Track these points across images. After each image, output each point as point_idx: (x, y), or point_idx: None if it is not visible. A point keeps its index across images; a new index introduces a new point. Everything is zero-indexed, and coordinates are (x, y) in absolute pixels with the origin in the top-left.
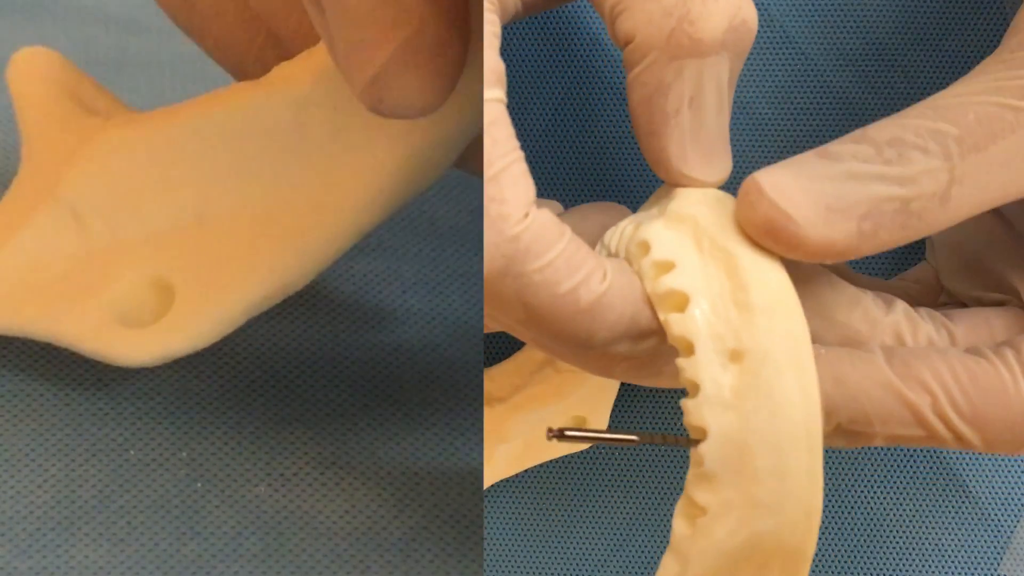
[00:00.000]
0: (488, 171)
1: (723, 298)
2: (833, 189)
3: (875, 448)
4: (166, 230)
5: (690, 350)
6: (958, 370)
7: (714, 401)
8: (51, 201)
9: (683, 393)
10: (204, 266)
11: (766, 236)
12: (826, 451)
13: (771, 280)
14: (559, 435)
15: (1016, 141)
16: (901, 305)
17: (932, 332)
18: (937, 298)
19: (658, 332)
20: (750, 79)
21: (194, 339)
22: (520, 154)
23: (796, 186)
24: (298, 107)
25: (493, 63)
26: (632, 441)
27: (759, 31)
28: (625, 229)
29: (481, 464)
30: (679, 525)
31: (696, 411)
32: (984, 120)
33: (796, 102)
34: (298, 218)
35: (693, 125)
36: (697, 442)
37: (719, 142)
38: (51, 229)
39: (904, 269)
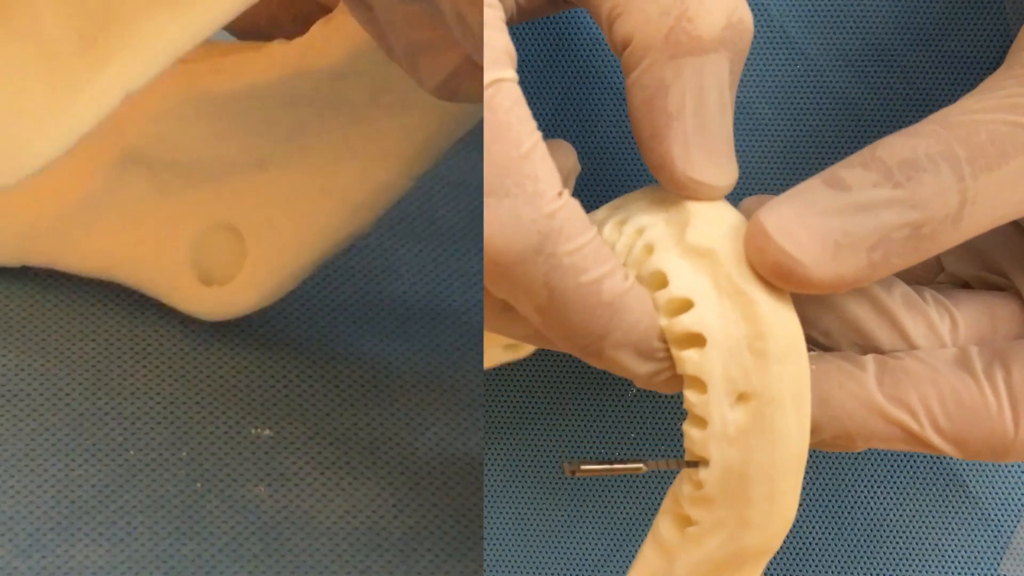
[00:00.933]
0: (518, 149)
1: (739, 343)
2: (841, 224)
3: (875, 449)
4: (232, 176)
5: (702, 389)
6: (944, 391)
7: (720, 436)
8: (119, 150)
9: (680, 412)
10: (270, 213)
11: (776, 278)
12: (826, 451)
13: (787, 327)
14: (575, 471)
15: None
16: (900, 289)
17: (935, 319)
18: (936, 275)
19: (664, 359)
20: (750, 79)
21: (266, 295)
22: (540, 134)
23: (802, 226)
24: (335, 77)
25: (503, 43)
26: (639, 470)
27: (759, 31)
28: (626, 233)
29: (481, 464)
30: (666, 525)
31: (702, 443)
32: (996, 139)
33: (796, 102)
34: (349, 172)
35: (696, 125)
36: (697, 465)
37: (724, 144)
38: (121, 176)
39: None
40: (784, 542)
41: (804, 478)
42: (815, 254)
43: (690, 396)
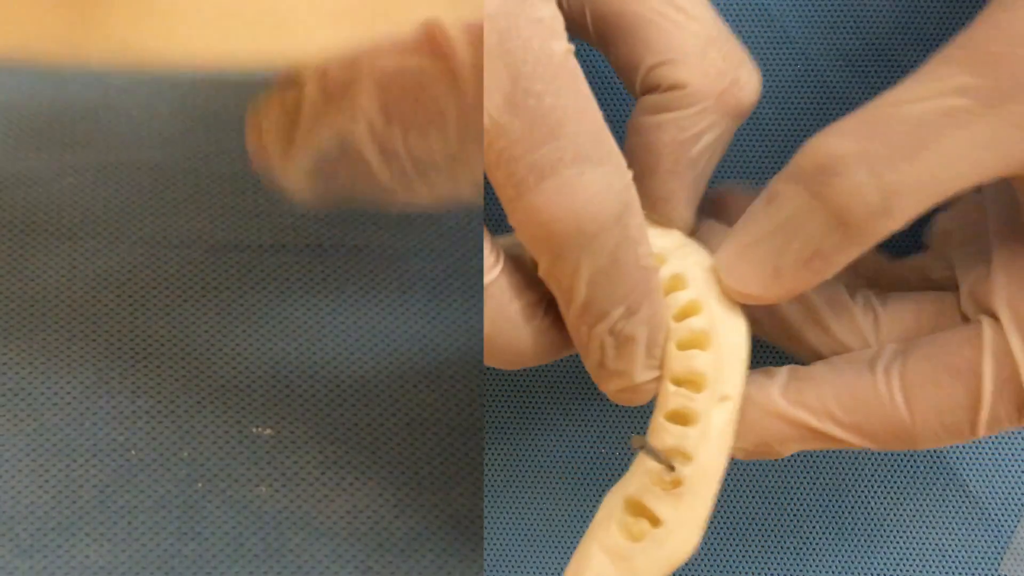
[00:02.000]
0: (599, 118)
1: (732, 348)
2: (776, 246)
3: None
4: None
5: (699, 387)
6: (840, 388)
7: (709, 435)
8: None
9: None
10: None
11: (740, 301)
12: (825, 451)
13: (747, 337)
14: (642, 445)
15: (949, 144)
16: (829, 291)
17: (859, 318)
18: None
19: (658, 365)
20: None
21: None
22: None
23: (744, 260)
24: None
25: (558, 12)
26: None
27: (759, 31)
28: None
29: (481, 464)
30: (613, 532)
31: (692, 441)
32: (921, 126)
33: (796, 102)
34: None
35: (702, 175)
36: (672, 466)
37: (699, 197)
38: None
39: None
40: (784, 542)
41: (804, 478)
42: (760, 282)
43: (682, 392)
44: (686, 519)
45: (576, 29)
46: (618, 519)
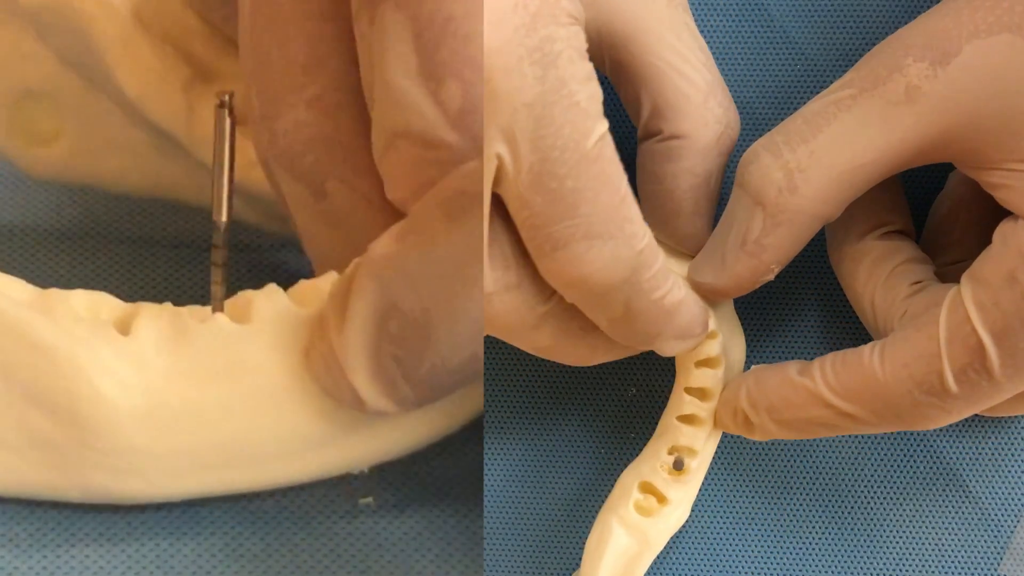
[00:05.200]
0: (618, 194)
1: (732, 366)
2: (723, 239)
3: (875, 448)
4: None
5: (707, 397)
6: (836, 358)
7: (712, 436)
8: None
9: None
10: None
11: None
12: (825, 451)
13: (744, 352)
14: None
15: (838, 126)
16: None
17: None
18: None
19: (697, 339)
20: (750, 79)
21: None
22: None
23: (703, 258)
24: None
25: (600, 92)
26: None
27: (759, 31)
28: None
29: (481, 464)
30: (632, 510)
31: (699, 441)
32: (811, 118)
33: (796, 102)
34: None
35: (716, 202)
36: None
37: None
38: None
39: None
40: (784, 542)
41: (804, 478)
42: (712, 271)
43: (695, 403)
44: (686, 498)
45: (595, 63)
46: (633, 497)
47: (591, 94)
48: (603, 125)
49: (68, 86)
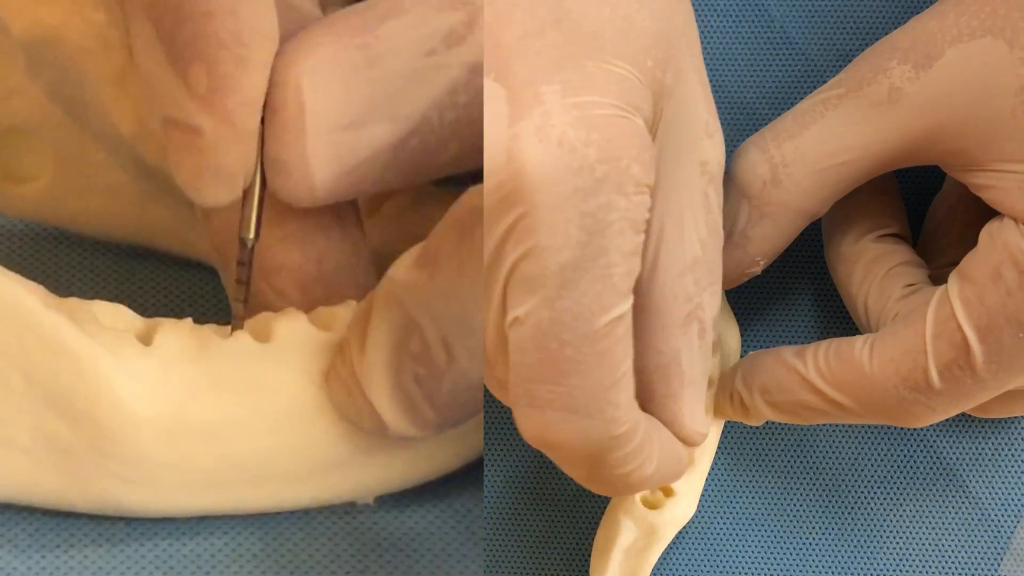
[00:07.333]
0: (612, 376)
1: (730, 352)
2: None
3: (875, 448)
4: None
5: (709, 385)
6: (830, 346)
7: (715, 422)
8: None
9: None
10: None
11: None
12: (825, 451)
13: (739, 339)
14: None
15: (823, 124)
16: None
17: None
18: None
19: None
20: (750, 79)
21: None
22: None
23: None
24: None
25: (636, 267)
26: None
27: (759, 31)
28: None
29: (481, 464)
30: (638, 504)
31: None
32: (799, 116)
33: (795, 102)
34: None
35: (701, 386)
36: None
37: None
38: None
39: None
40: (784, 542)
41: (804, 478)
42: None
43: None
44: (692, 489)
45: None
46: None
47: (628, 270)
48: (627, 303)
49: (54, 124)
